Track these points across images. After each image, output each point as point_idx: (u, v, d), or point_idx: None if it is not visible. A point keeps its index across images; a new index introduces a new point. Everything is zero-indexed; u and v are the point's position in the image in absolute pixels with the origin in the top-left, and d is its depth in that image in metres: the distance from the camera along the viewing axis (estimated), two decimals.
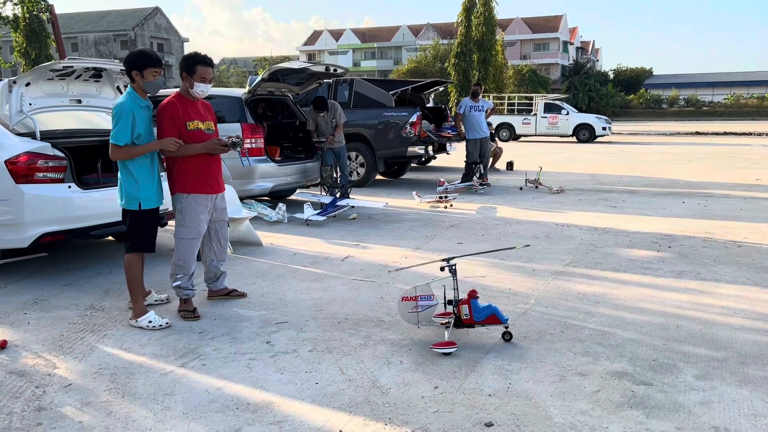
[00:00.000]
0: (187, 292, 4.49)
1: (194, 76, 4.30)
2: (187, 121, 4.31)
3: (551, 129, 26.53)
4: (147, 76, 4.17)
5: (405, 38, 72.12)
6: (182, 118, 4.30)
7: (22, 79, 5.42)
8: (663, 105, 61.91)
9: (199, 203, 4.40)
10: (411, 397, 3.20)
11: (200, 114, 4.43)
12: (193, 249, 4.46)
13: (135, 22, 62.73)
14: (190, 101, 4.40)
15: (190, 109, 4.37)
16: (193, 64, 4.30)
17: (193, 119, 4.34)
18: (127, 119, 4.09)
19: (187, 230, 4.40)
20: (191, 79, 4.31)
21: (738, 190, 10.65)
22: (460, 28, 38.23)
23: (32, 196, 5.05)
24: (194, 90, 4.33)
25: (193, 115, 4.36)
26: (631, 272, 5.49)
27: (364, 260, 5.99)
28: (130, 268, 4.30)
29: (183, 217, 4.39)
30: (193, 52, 4.42)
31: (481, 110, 11.26)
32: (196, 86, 4.32)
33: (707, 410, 3.03)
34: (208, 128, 4.45)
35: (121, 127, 4.08)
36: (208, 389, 3.31)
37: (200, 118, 4.41)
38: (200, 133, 4.37)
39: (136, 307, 4.30)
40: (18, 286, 5.22)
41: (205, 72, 4.32)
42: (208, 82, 4.35)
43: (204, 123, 4.42)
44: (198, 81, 4.31)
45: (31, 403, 3.17)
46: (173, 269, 4.47)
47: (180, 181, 4.37)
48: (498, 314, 3.85)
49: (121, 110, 4.10)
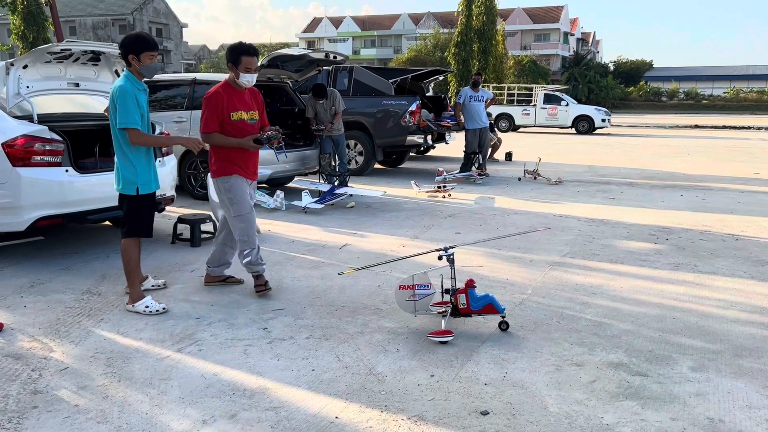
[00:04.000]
0: (257, 268, 4.56)
1: (239, 67, 4.32)
2: (231, 111, 4.36)
3: (550, 120, 26.46)
4: (144, 59, 4.12)
5: (405, 27, 71.72)
6: (226, 109, 4.35)
7: (19, 62, 5.38)
8: (663, 98, 61.75)
9: (243, 181, 4.49)
10: (407, 384, 3.20)
11: (245, 103, 4.45)
12: (251, 222, 4.54)
13: (134, 7, 62.26)
14: (236, 90, 4.42)
15: (235, 99, 4.39)
16: (238, 55, 4.31)
17: (237, 109, 4.39)
18: (132, 101, 4.06)
19: (240, 206, 4.48)
20: (236, 70, 4.33)
21: (736, 184, 10.66)
22: (461, 18, 38.00)
23: (29, 180, 5.03)
24: (240, 80, 4.35)
25: (238, 105, 4.39)
26: (628, 264, 5.49)
27: (361, 248, 5.99)
28: (126, 253, 4.29)
29: (233, 196, 4.47)
30: (238, 42, 4.43)
31: (480, 100, 11.22)
32: (242, 77, 4.34)
33: (702, 401, 3.04)
34: (251, 118, 4.49)
35: (128, 110, 4.05)
36: (204, 374, 3.31)
37: (245, 107, 4.44)
38: (243, 123, 4.42)
39: (133, 292, 4.29)
40: (15, 270, 5.21)
41: (250, 62, 4.33)
42: (253, 72, 4.37)
43: (248, 113, 4.46)
44: (243, 72, 4.33)
45: (27, 386, 3.17)
46: (240, 246, 4.55)
47: (220, 167, 4.45)
48: (495, 304, 3.86)
49: (125, 92, 4.05)
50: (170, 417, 2.88)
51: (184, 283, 4.90)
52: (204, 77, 9.36)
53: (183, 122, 8.62)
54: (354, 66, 12.01)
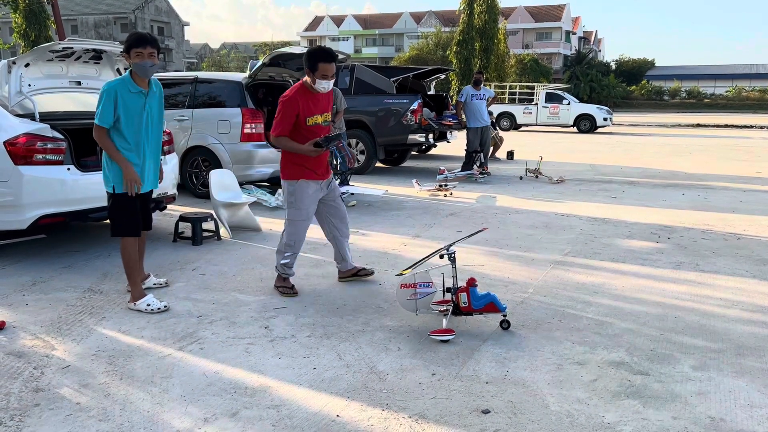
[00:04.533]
0: (289, 272, 4.62)
1: (316, 74, 4.28)
2: (307, 116, 4.36)
3: (552, 119, 26.43)
4: (132, 57, 4.07)
5: (407, 25, 71.68)
6: (302, 114, 4.34)
7: (21, 60, 5.39)
8: (664, 96, 61.67)
9: (309, 187, 4.50)
10: (408, 383, 3.20)
11: (321, 106, 4.44)
12: (303, 230, 4.58)
13: (135, 5, 62.28)
14: (312, 94, 4.38)
15: (311, 104, 4.37)
16: (316, 62, 4.27)
17: (313, 114, 4.39)
18: (110, 101, 4.02)
19: (297, 212, 4.51)
20: (313, 76, 4.30)
21: (738, 183, 10.65)
22: (463, 16, 37.99)
23: (31, 178, 5.04)
24: (317, 86, 4.32)
25: (314, 110, 4.39)
26: (629, 263, 5.49)
27: (363, 247, 5.99)
28: (125, 252, 4.29)
29: (293, 200, 4.51)
30: (316, 47, 4.39)
31: (482, 99, 11.22)
32: (318, 83, 4.31)
33: (704, 400, 3.04)
34: (325, 120, 4.49)
35: (103, 108, 4.02)
36: (205, 373, 3.32)
37: (320, 110, 4.43)
38: (318, 128, 4.43)
39: (134, 290, 4.29)
40: (17, 268, 5.22)
41: (327, 69, 4.28)
42: (329, 79, 4.33)
43: (322, 115, 4.46)
44: (320, 78, 4.29)
45: (28, 384, 3.18)
46: (282, 248, 4.59)
47: (289, 170, 4.47)
48: (496, 302, 3.86)
49: (104, 90, 4.04)
50: (172, 415, 2.89)
51: (185, 282, 4.91)
52: (206, 76, 9.37)
53: (185, 120, 8.63)
54: (356, 64, 12.01)
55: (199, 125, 8.54)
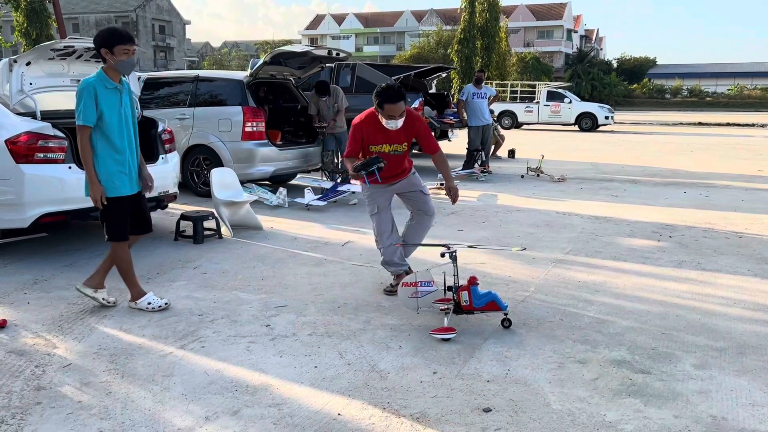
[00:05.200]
0: (392, 268, 4.63)
1: (382, 113, 4.29)
2: (370, 144, 4.42)
3: (554, 117, 26.40)
4: (117, 54, 3.87)
5: (408, 23, 71.65)
6: (366, 140, 4.41)
7: (22, 59, 5.39)
8: (666, 95, 61.58)
9: (379, 189, 4.57)
10: (410, 382, 3.20)
11: (390, 137, 4.39)
12: (379, 222, 4.59)
13: (136, 4, 62.29)
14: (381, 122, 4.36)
15: (378, 133, 4.39)
16: (382, 102, 4.24)
17: (378, 143, 4.41)
18: (91, 98, 3.83)
19: (371, 207, 4.63)
20: (380, 115, 4.31)
21: (740, 181, 10.63)
22: (464, 14, 37.90)
23: (32, 176, 5.04)
24: (384, 124, 4.31)
25: (380, 139, 4.40)
26: (631, 261, 5.48)
27: (364, 245, 5.98)
28: (115, 255, 4.18)
29: (366, 199, 4.66)
30: (384, 85, 4.30)
31: (483, 97, 11.21)
32: (386, 123, 4.30)
33: (705, 399, 3.04)
34: (394, 150, 4.45)
35: (85, 107, 3.82)
36: (207, 371, 3.32)
37: (389, 141, 4.41)
38: (384, 155, 4.42)
39: (133, 290, 4.26)
40: (18, 266, 5.22)
41: (392, 110, 4.24)
42: (396, 118, 4.27)
43: (391, 146, 4.44)
44: (386, 117, 4.28)
45: (30, 382, 3.18)
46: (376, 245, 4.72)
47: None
48: (498, 301, 3.85)
49: (82, 88, 3.84)
50: (173, 413, 2.89)
51: (187, 280, 4.91)
52: (207, 74, 9.38)
53: (186, 119, 8.63)
54: (357, 63, 12.00)
55: (201, 124, 8.55)
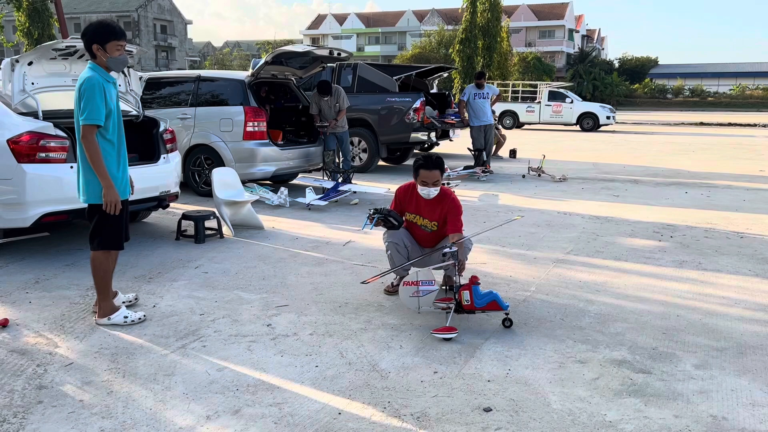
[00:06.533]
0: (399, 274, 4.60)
1: (417, 179, 4.33)
2: (406, 210, 4.47)
3: (555, 117, 26.39)
4: (110, 50, 3.69)
5: (410, 23, 71.68)
6: (402, 205, 4.47)
7: (24, 58, 5.39)
8: (668, 95, 61.57)
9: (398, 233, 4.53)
10: (410, 381, 3.21)
11: (426, 211, 4.40)
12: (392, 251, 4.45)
13: (138, 3, 62.34)
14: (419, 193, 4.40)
15: (415, 201, 4.42)
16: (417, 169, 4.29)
17: (413, 212, 4.45)
18: (101, 95, 3.64)
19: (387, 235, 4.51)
20: (416, 181, 4.35)
21: (741, 181, 10.62)
22: (465, 14, 37.90)
23: (34, 176, 5.05)
24: (418, 191, 4.35)
25: (415, 209, 4.44)
26: (632, 261, 5.48)
27: (365, 245, 5.99)
28: (101, 266, 3.89)
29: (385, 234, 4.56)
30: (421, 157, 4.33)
31: (485, 97, 11.20)
32: (420, 189, 4.32)
33: (705, 399, 3.04)
34: (424, 225, 4.45)
35: (96, 105, 3.60)
36: (208, 370, 3.32)
37: (423, 214, 4.42)
38: (415, 225, 4.46)
39: (106, 305, 3.94)
40: (20, 266, 5.23)
41: (426, 176, 4.26)
42: (429, 186, 4.27)
43: (423, 219, 4.44)
44: (420, 185, 4.31)
45: (32, 382, 3.19)
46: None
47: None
48: (499, 301, 3.86)
49: (92, 84, 3.62)
50: (174, 412, 2.90)
51: (188, 280, 4.92)
52: (208, 74, 9.38)
53: (187, 119, 8.64)
54: (358, 63, 12.00)
55: (202, 123, 8.56)
